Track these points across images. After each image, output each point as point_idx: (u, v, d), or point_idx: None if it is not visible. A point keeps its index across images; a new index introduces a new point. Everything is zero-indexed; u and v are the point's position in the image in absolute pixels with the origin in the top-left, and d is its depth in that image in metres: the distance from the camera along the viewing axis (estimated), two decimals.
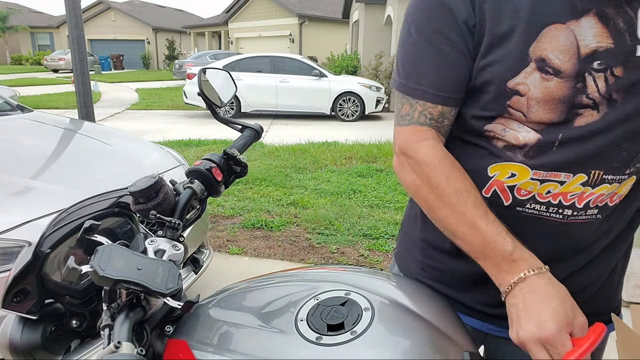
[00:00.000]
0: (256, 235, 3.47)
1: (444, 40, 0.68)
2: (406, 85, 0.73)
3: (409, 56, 0.72)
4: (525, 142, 0.68)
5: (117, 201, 0.75)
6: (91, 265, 0.56)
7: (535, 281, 0.61)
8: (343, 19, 18.75)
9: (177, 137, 7.15)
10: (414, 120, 0.73)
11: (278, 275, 0.79)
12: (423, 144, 0.72)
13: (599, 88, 0.63)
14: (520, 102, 0.66)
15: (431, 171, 0.70)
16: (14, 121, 2.65)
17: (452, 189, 0.68)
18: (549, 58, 0.63)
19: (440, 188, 0.69)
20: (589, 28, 0.61)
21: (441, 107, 0.71)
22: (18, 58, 34.50)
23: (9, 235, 1.50)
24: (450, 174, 0.69)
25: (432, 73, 0.70)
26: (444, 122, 0.73)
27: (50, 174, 1.99)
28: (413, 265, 0.91)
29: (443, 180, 0.69)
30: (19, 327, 0.63)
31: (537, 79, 0.64)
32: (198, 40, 31.38)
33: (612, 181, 0.68)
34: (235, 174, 0.89)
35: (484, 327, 0.84)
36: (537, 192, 0.70)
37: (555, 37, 0.62)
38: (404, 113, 0.74)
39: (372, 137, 7.43)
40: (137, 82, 19.35)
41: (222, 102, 1.01)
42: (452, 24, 0.67)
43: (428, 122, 0.72)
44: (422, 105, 0.72)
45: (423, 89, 0.71)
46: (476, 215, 0.66)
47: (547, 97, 0.64)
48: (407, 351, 0.58)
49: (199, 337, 0.65)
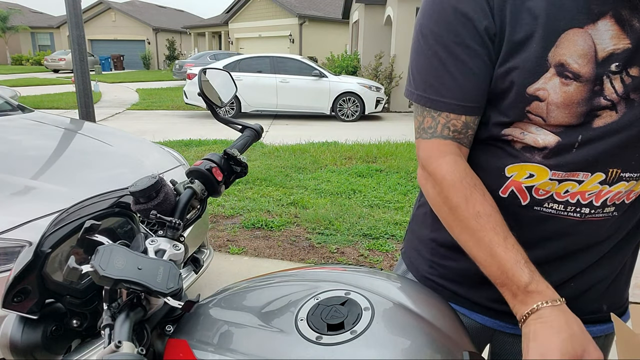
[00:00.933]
0: (256, 235, 3.47)
1: (464, 50, 0.67)
2: (427, 98, 0.72)
3: (427, 68, 0.71)
4: (545, 145, 0.68)
5: (118, 201, 0.75)
6: (92, 265, 0.56)
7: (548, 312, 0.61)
8: (343, 19, 18.75)
9: (177, 137, 7.15)
10: (437, 133, 0.72)
11: (278, 275, 0.79)
12: (445, 159, 0.71)
13: (616, 89, 0.64)
14: (540, 108, 0.66)
15: (451, 191, 0.69)
16: (14, 121, 2.65)
17: (471, 212, 0.67)
18: (568, 63, 0.63)
19: (460, 210, 0.68)
20: (606, 31, 0.62)
21: (465, 117, 0.71)
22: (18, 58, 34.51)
23: (9, 235, 1.50)
24: (470, 195, 0.68)
25: (455, 84, 0.69)
26: (468, 132, 0.72)
27: (50, 174, 1.99)
28: (422, 263, 0.91)
29: (462, 202, 0.68)
30: (20, 326, 0.63)
31: (557, 84, 0.64)
32: (198, 41, 31.38)
33: (630, 179, 0.69)
34: (236, 174, 0.89)
35: (494, 324, 0.85)
36: (555, 192, 0.71)
37: (574, 41, 0.63)
38: (426, 126, 0.73)
39: (372, 137, 7.44)
40: (138, 83, 19.36)
41: (222, 103, 1.01)
42: (473, 33, 0.66)
43: (451, 134, 0.71)
44: (445, 118, 0.71)
45: (446, 101, 0.70)
46: (494, 242, 0.65)
47: (567, 101, 0.64)
48: (406, 351, 0.58)
49: (199, 337, 0.65)
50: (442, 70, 0.69)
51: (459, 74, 0.68)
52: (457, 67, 0.68)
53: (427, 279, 0.90)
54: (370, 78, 11.06)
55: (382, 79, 11.11)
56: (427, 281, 0.90)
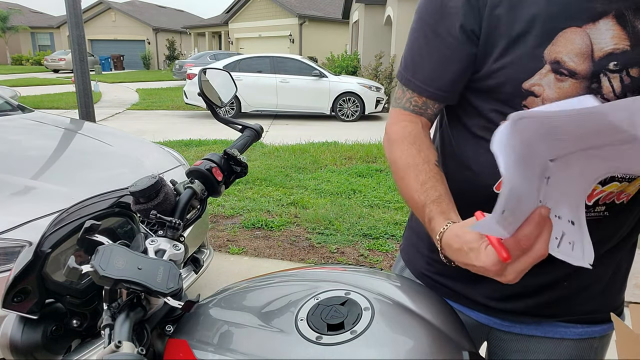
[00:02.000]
0: (256, 235, 3.47)
1: (441, 41, 0.72)
2: (403, 76, 0.79)
3: (409, 48, 0.78)
4: None
5: (118, 201, 0.75)
6: (92, 265, 0.56)
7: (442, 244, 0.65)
8: (343, 19, 18.75)
9: (177, 137, 7.15)
10: (401, 104, 0.80)
11: (278, 275, 0.79)
12: (398, 124, 0.79)
13: (614, 88, 0.64)
14: (536, 103, 0.67)
15: (393, 147, 0.77)
16: (14, 121, 2.65)
17: (403, 163, 0.74)
18: (563, 61, 0.64)
19: (396, 162, 0.75)
20: (607, 30, 0.62)
21: (425, 99, 0.77)
22: (18, 58, 34.51)
23: (9, 235, 1.50)
24: (406, 149, 0.75)
25: (424, 68, 0.76)
26: (427, 110, 0.79)
27: (50, 174, 1.99)
28: (419, 260, 0.92)
29: (398, 156, 0.75)
30: (20, 327, 0.63)
31: (552, 80, 0.65)
32: (198, 41, 31.38)
33: (622, 179, 0.69)
34: (236, 174, 0.89)
35: (489, 321, 0.85)
36: None
37: (571, 40, 0.63)
38: (397, 96, 0.82)
39: (372, 137, 7.44)
40: (138, 83, 19.35)
41: (223, 102, 1.01)
42: (450, 26, 0.70)
43: (412, 108, 0.79)
44: (410, 94, 0.79)
45: (413, 82, 0.77)
46: (413, 187, 0.71)
47: (562, 97, 0.65)
48: (406, 351, 0.58)
49: (199, 337, 0.65)
50: (418, 53, 0.76)
51: (429, 60, 0.75)
52: (430, 53, 0.74)
53: (425, 276, 0.90)
54: (370, 78, 11.06)
55: (382, 79, 11.11)
56: (424, 277, 0.90)
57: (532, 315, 0.81)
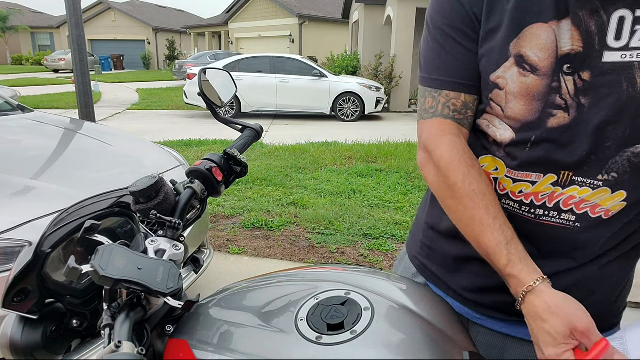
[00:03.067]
0: (256, 235, 3.47)
1: (458, 33, 0.71)
2: (428, 78, 0.75)
3: (429, 51, 0.76)
4: (502, 141, 0.71)
5: (118, 201, 0.75)
6: (92, 265, 0.56)
7: (529, 301, 0.63)
8: (343, 19, 18.75)
9: (177, 137, 7.15)
10: (437, 113, 0.74)
11: (278, 275, 0.79)
12: (444, 139, 0.72)
13: (569, 90, 0.65)
14: (500, 96, 0.69)
15: (449, 169, 0.70)
16: (14, 121, 2.65)
17: (467, 190, 0.68)
18: (527, 55, 0.65)
19: (457, 188, 0.69)
20: (567, 31, 0.63)
21: (464, 95, 0.73)
22: (18, 58, 34.49)
23: (9, 235, 1.50)
24: (467, 173, 0.69)
25: (452, 64, 0.72)
26: (467, 113, 0.74)
27: (50, 174, 1.99)
28: (415, 244, 0.95)
29: (459, 180, 0.69)
30: (20, 327, 0.63)
31: (515, 74, 0.66)
32: (198, 41, 31.38)
33: (583, 184, 0.68)
34: (236, 174, 0.89)
35: (464, 312, 0.86)
36: (511, 190, 0.73)
37: (537, 35, 0.64)
38: (428, 107, 0.75)
39: (372, 137, 7.43)
40: (138, 83, 19.35)
41: (223, 103, 1.01)
42: (464, 17, 0.70)
43: (451, 114, 0.73)
44: (445, 97, 0.73)
45: (445, 80, 0.73)
46: (484, 220, 0.66)
47: (523, 92, 0.66)
48: (406, 351, 0.58)
49: (199, 337, 0.65)
50: (441, 52, 0.73)
51: (455, 54, 0.72)
52: (453, 48, 0.72)
53: (416, 258, 0.94)
54: (370, 78, 11.06)
55: (382, 79, 11.11)
56: (415, 260, 0.94)
57: (501, 312, 0.80)
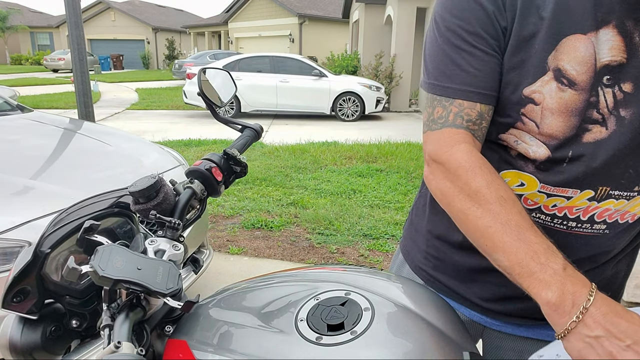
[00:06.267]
0: (256, 235, 3.47)
1: (475, 38, 0.65)
2: (439, 86, 0.68)
3: (440, 55, 0.68)
4: (536, 158, 0.67)
5: (117, 201, 0.75)
6: (91, 265, 0.56)
7: (601, 298, 0.51)
8: (343, 19, 18.75)
9: (177, 137, 7.15)
10: (448, 123, 0.67)
11: (278, 275, 0.79)
12: (459, 147, 0.65)
13: (608, 104, 0.62)
14: (535, 112, 0.64)
15: (469, 176, 0.63)
16: (13, 121, 2.65)
17: (494, 196, 0.60)
18: (565, 69, 0.61)
19: (481, 194, 0.61)
20: (607, 40, 0.60)
21: (480, 105, 0.66)
22: (18, 58, 34.48)
23: (9, 235, 1.50)
24: (492, 180, 0.62)
25: (467, 71, 0.66)
26: (482, 123, 0.67)
27: (50, 174, 1.99)
28: (417, 254, 0.92)
29: (484, 186, 0.61)
30: (19, 327, 0.63)
31: (554, 89, 0.62)
32: (198, 40, 31.36)
33: (619, 197, 0.67)
34: (235, 174, 0.89)
35: (482, 320, 0.85)
36: (544, 205, 0.70)
37: (574, 47, 0.61)
38: (437, 117, 0.68)
39: (372, 137, 7.43)
40: (137, 82, 19.34)
41: (222, 102, 1.01)
42: (484, 22, 0.64)
43: (465, 124, 0.66)
44: (459, 106, 0.66)
45: (459, 88, 0.66)
46: (522, 225, 0.58)
47: (562, 108, 0.63)
48: (407, 351, 0.58)
49: (199, 337, 0.65)
50: (454, 58, 0.66)
51: (471, 60, 0.65)
52: (470, 54, 0.66)
53: (421, 270, 0.90)
54: (370, 78, 11.06)
55: (382, 79, 11.11)
56: (420, 271, 0.91)
57: (523, 317, 0.81)
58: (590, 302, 0.50)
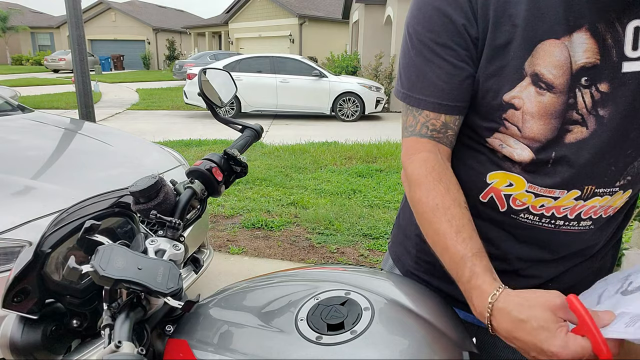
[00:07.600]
0: (256, 235, 3.47)
1: (444, 50, 0.67)
2: (410, 96, 0.72)
3: (411, 66, 0.72)
4: (521, 161, 0.69)
5: (118, 201, 0.75)
6: (92, 265, 0.56)
7: (506, 293, 0.57)
8: (343, 19, 18.75)
9: (177, 137, 7.15)
10: (415, 131, 0.72)
11: (278, 275, 0.79)
12: (417, 156, 0.71)
13: (586, 104, 0.64)
14: (516, 116, 0.66)
15: (415, 186, 0.70)
16: (14, 121, 2.65)
17: (431, 205, 0.67)
18: (542, 73, 0.63)
19: (421, 204, 0.68)
20: (581, 44, 0.62)
21: (444, 116, 0.70)
22: (18, 58, 34.51)
23: (9, 235, 1.50)
24: (432, 188, 0.68)
25: (435, 82, 0.69)
26: (447, 132, 0.72)
27: (50, 174, 1.99)
28: (407, 258, 0.92)
29: (423, 195, 0.68)
30: (20, 326, 0.63)
31: (532, 93, 0.64)
32: (198, 41, 31.38)
33: (603, 194, 0.69)
34: (236, 174, 0.89)
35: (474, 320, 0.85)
36: (531, 205, 0.72)
37: (550, 52, 0.63)
38: (408, 125, 0.74)
39: (372, 137, 7.43)
40: (138, 83, 19.35)
41: (222, 103, 1.01)
42: (453, 33, 0.66)
43: (429, 133, 0.71)
44: (425, 117, 0.71)
45: (426, 100, 0.70)
46: (447, 234, 0.64)
47: (542, 111, 0.65)
48: (406, 351, 0.58)
49: (199, 337, 0.65)
50: (424, 69, 0.70)
51: (439, 72, 0.68)
52: (438, 67, 0.68)
53: (413, 274, 0.91)
54: (370, 78, 11.06)
55: (382, 79, 11.11)
56: (412, 276, 0.91)
57: None
58: (491, 313, 0.57)
